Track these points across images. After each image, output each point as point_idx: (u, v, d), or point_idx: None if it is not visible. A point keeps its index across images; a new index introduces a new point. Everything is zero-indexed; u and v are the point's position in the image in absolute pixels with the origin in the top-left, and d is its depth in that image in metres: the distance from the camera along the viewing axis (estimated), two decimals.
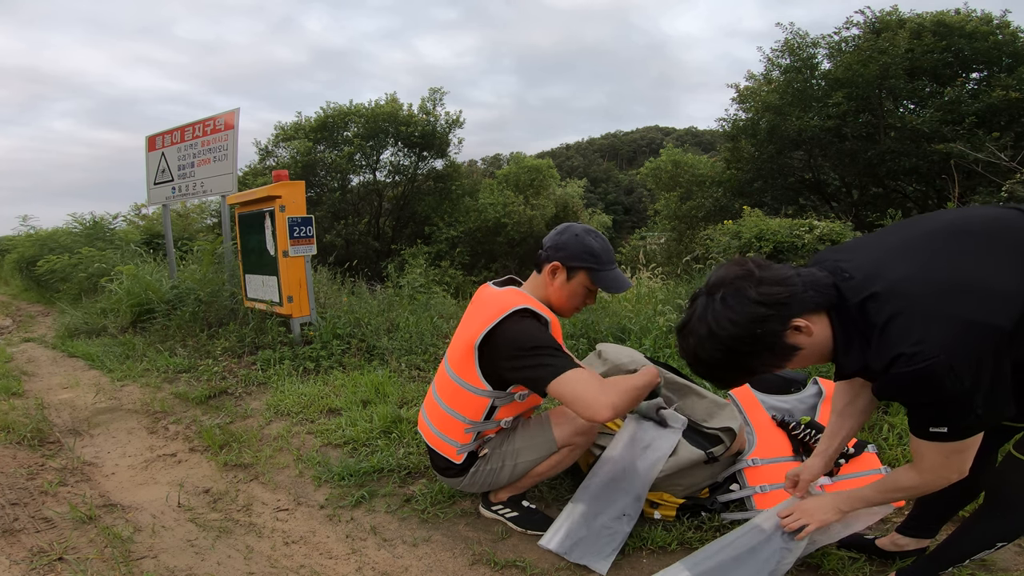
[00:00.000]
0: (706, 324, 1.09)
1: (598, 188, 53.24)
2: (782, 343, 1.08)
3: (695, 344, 1.13)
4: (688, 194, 13.58)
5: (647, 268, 6.66)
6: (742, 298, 1.07)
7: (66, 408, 3.31)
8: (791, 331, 1.07)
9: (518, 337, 1.59)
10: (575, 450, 1.80)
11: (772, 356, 1.09)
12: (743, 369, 1.13)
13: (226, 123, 4.74)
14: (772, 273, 1.09)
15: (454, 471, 1.83)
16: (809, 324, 1.07)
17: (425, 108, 14.87)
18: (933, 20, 10.31)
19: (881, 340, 1.02)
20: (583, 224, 1.76)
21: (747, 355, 1.09)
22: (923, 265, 1.06)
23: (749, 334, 1.06)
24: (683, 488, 1.85)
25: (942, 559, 1.37)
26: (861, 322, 1.06)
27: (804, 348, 1.09)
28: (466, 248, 14.60)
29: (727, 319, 1.07)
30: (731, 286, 1.09)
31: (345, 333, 4.06)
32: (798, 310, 1.07)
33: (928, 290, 1.02)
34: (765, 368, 1.13)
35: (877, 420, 2.39)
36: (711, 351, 1.10)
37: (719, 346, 1.08)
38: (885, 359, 1.01)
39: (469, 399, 1.72)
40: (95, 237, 8.83)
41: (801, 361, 1.13)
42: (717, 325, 1.08)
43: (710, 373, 1.17)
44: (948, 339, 0.97)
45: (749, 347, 1.08)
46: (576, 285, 1.70)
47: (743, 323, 1.06)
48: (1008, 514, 1.24)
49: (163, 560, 1.78)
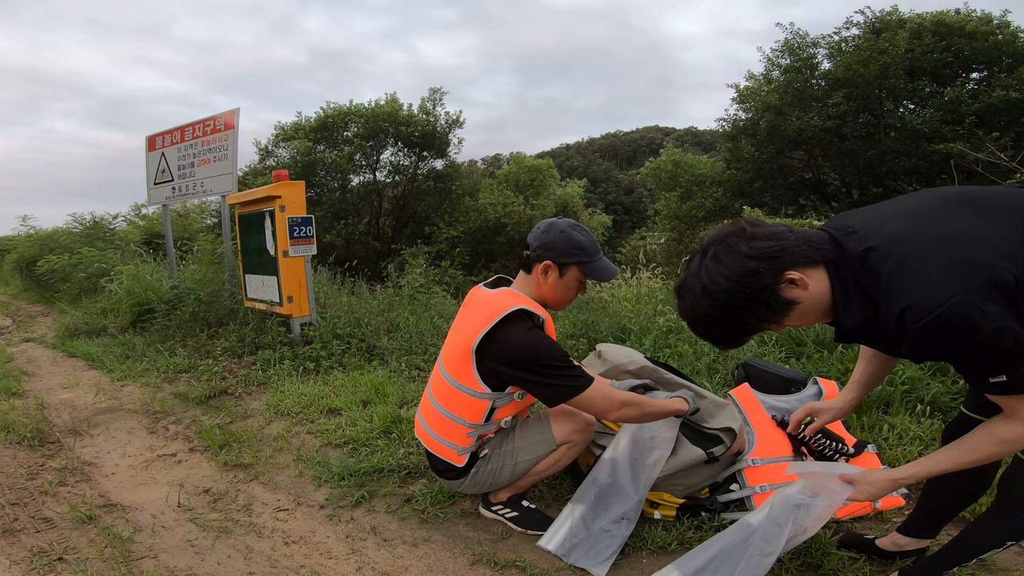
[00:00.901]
0: (700, 281, 1.09)
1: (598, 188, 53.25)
2: (777, 297, 1.06)
3: (691, 302, 1.12)
4: (688, 194, 13.59)
5: (647, 268, 6.65)
6: (733, 253, 1.06)
7: (66, 408, 3.31)
8: (785, 284, 1.06)
9: (526, 350, 1.60)
10: (574, 447, 1.80)
11: (768, 311, 1.08)
12: (740, 326, 1.11)
13: (226, 123, 4.74)
14: (764, 229, 1.09)
15: (454, 473, 1.82)
16: (803, 277, 1.05)
17: (425, 108, 14.88)
18: (933, 20, 10.32)
19: (888, 292, 1.00)
20: (565, 219, 1.78)
21: (742, 310, 1.07)
22: (922, 223, 1.05)
23: (742, 288, 1.05)
24: (683, 488, 1.85)
25: (949, 557, 1.37)
26: (863, 274, 1.04)
27: (801, 302, 1.07)
28: (466, 248, 14.60)
29: (720, 274, 1.06)
30: (723, 243, 1.09)
31: (345, 333, 4.06)
32: (790, 263, 1.05)
33: (927, 241, 1.01)
34: (763, 325, 1.11)
35: (877, 420, 2.39)
36: (707, 308, 1.09)
37: (714, 302, 1.08)
38: (893, 314, 0.99)
39: (468, 402, 1.71)
40: (95, 237, 8.84)
41: (801, 317, 1.11)
42: (711, 281, 1.07)
43: (709, 332, 1.15)
44: (959, 280, 0.94)
45: (744, 302, 1.06)
46: (569, 280, 1.73)
47: (735, 277, 1.05)
48: (1019, 513, 1.24)
49: (163, 560, 1.78)
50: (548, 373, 1.59)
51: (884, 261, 1.02)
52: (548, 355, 1.60)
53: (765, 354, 3.11)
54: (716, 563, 1.48)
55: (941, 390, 2.48)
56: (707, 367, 3.00)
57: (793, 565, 1.61)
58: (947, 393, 2.45)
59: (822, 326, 3.15)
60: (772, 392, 2.29)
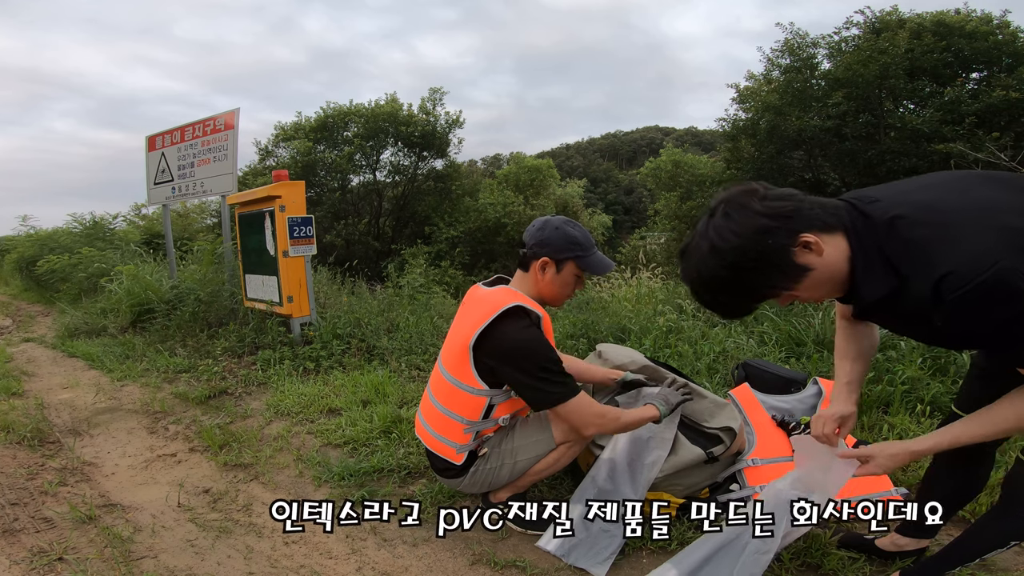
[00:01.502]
0: (708, 240, 1.01)
1: (598, 188, 53.25)
2: (790, 261, 0.99)
3: (697, 263, 1.04)
4: (688, 194, 13.60)
5: (647, 268, 6.66)
6: (745, 211, 0.99)
7: (66, 408, 3.31)
8: (799, 248, 0.98)
9: (520, 347, 1.62)
10: (574, 447, 1.81)
11: (780, 275, 1.00)
12: (748, 290, 1.03)
13: (226, 123, 4.74)
14: (777, 191, 1.02)
15: (454, 472, 1.83)
16: (819, 241, 0.98)
17: (425, 108, 14.88)
18: (933, 20, 10.32)
19: (922, 260, 0.93)
20: (559, 216, 1.80)
21: (751, 271, 1.00)
22: (951, 192, 1.00)
23: (753, 247, 0.97)
24: (683, 488, 1.85)
25: (952, 558, 1.37)
26: (889, 242, 0.97)
27: (815, 269, 1.00)
28: (466, 248, 14.60)
29: (730, 231, 0.99)
30: (734, 202, 1.02)
31: (345, 333, 4.06)
32: (805, 225, 0.98)
33: (961, 208, 0.95)
34: (773, 291, 1.03)
35: (877, 420, 2.40)
36: (714, 268, 1.01)
37: (722, 262, 1.00)
38: (929, 283, 0.91)
39: (466, 399, 1.73)
40: (95, 237, 8.83)
41: (814, 287, 1.03)
42: (719, 238, 1.00)
43: (713, 298, 1.07)
44: (998, 245, 0.88)
45: (754, 262, 0.98)
46: (567, 275, 1.75)
47: (747, 234, 0.98)
48: (1021, 514, 1.24)
49: (163, 560, 1.78)
50: (537, 375, 1.61)
51: (914, 227, 0.95)
52: (541, 356, 1.62)
53: (765, 354, 3.11)
54: (714, 561, 1.48)
55: (941, 390, 2.48)
56: (707, 367, 3.00)
57: (793, 565, 1.61)
58: (947, 393, 2.45)
59: (823, 326, 3.15)
60: (772, 392, 2.29)
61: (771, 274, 1.00)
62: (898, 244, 0.97)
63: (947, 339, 1.08)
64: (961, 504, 1.50)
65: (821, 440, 1.32)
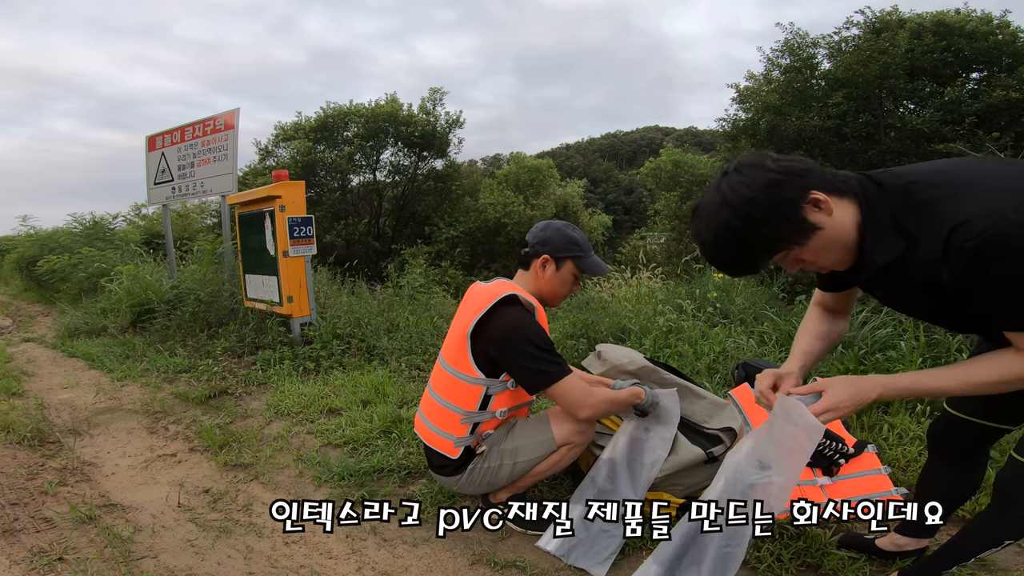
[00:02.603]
0: (721, 194, 1.05)
1: (598, 188, 53.22)
2: (800, 215, 1.02)
3: (709, 217, 1.07)
4: (688, 194, 13.57)
5: (647, 268, 6.66)
6: (758, 167, 1.04)
7: (66, 408, 3.31)
8: (809, 205, 1.02)
9: (513, 328, 1.68)
10: (574, 448, 1.81)
11: (790, 228, 1.03)
12: (758, 243, 1.05)
13: (226, 123, 4.74)
14: (790, 156, 1.07)
15: (451, 468, 1.84)
16: (828, 200, 1.02)
17: (425, 108, 14.87)
18: (933, 20, 10.31)
19: (936, 216, 0.96)
20: (560, 220, 1.91)
21: (762, 223, 1.02)
22: (961, 165, 1.04)
23: (765, 198, 1.01)
24: (683, 488, 1.85)
25: (949, 557, 1.38)
26: (903, 206, 1.01)
27: (824, 228, 1.03)
28: (466, 248, 14.59)
29: (743, 184, 1.03)
30: (747, 162, 1.06)
31: (345, 333, 4.06)
32: (816, 183, 1.03)
33: (973, 173, 0.99)
34: (783, 244, 1.05)
35: (877, 420, 2.40)
36: (727, 220, 1.04)
37: (734, 213, 1.03)
38: (941, 235, 0.95)
39: (463, 389, 1.77)
40: (95, 237, 8.84)
41: (823, 250, 1.06)
42: (732, 192, 1.04)
43: (723, 253, 1.09)
44: (1012, 202, 0.91)
45: (765, 213, 1.02)
46: (565, 273, 1.83)
47: (758, 187, 1.02)
48: (1017, 512, 1.24)
49: (163, 560, 1.78)
50: (530, 355, 1.66)
51: (931, 188, 0.99)
52: (534, 336, 1.67)
53: (765, 354, 3.11)
54: (692, 553, 1.48)
55: None
56: (707, 367, 3.00)
57: (793, 565, 1.61)
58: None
59: None
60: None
61: (781, 226, 1.03)
62: (912, 207, 1.00)
63: (947, 305, 1.06)
64: (959, 503, 1.50)
65: (759, 399, 1.29)
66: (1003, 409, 1.30)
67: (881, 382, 1.14)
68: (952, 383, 1.10)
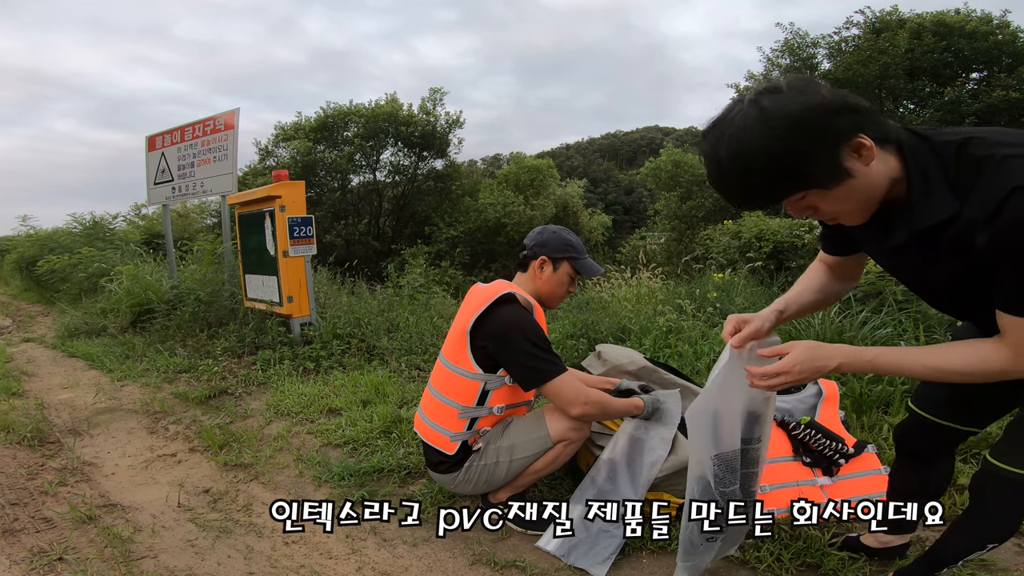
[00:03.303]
0: (758, 107, 0.90)
1: (598, 188, 53.21)
2: (837, 154, 0.90)
3: (735, 131, 0.92)
4: (688, 194, 13.58)
5: (647, 268, 6.65)
6: (814, 88, 0.91)
7: (66, 408, 3.31)
8: (850, 150, 0.91)
9: (510, 324, 1.72)
10: (570, 445, 1.81)
11: (825, 167, 0.91)
12: (786, 172, 0.91)
13: (226, 123, 4.74)
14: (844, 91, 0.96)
15: (447, 465, 1.85)
16: (873, 148, 0.91)
17: (425, 108, 14.87)
18: (933, 20, 10.31)
19: (997, 176, 0.87)
20: (556, 225, 2.01)
21: (798, 142, 0.89)
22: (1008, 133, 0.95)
23: (815, 124, 0.88)
24: (683, 488, 1.84)
25: (937, 560, 1.37)
26: (957, 163, 0.92)
27: (855, 178, 0.92)
28: (466, 248, 14.59)
29: (793, 101, 0.89)
30: (799, 81, 0.93)
31: (345, 333, 4.06)
32: (869, 124, 0.91)
33: None
34: (810, 181, 0.93)
35: (877, 420, 2.40)
36: (762, 140, 0.89)
37: (771, 133, 0.88)
38: (999, 194, 0.85)
39: (462, 384, 1.79)
40: (95, 237, 8.85)
41: (844, 199, 0.95)
42: (777, 107, 0.89)
43: (742, 178, 0.94)
44: None
45: (807, 142, 0.89)
46: (561, 274, 1.90)
47: (812, 107, 0.88)
48: (992, 518, 1.23)
49: (163, 560, 1.78)
50: (526, 351, 1.70)
51: (994, 146, 0.89)
52: (531, 332, 1.72)
53: None
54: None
55: None
56: (707, 367, 3.00)
57: (793, 565, 1.61)
58: None
59: (823, 327, 3.15)
60: None
61: (818, 162, 0.91)
62: (968, 163, 0.91)
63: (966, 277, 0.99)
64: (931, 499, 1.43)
65: (728, 340, 1.25)
66: (970, 412, 1.29)
67: (843, 352, 1.09)
68: (915, 365, 1.04)
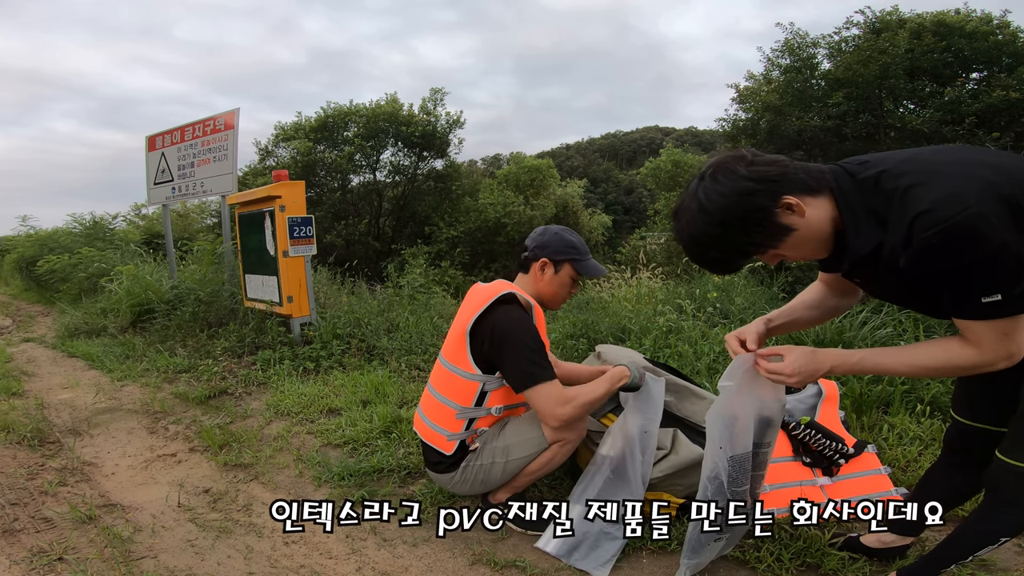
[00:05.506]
0: (697, 200, 1.11)
1: (598, 188, 53.16)
2: (772, 221, 1.08)
3: (687, 222, 1.13)
4: None
5: (647, 268, 6.65)
6: (732, 174, 1.08)
7: (66, 408, 3.31)
8: (782, 209, 1.07)
9: (507, 325, 1.72)
10: (566, 445, 1.81)
11: (763, 234, 1.09)
12: (735, 247, 1.12)
13: (226, 123, 4.74)
14: (765, 157, 1.11)
15: (445, 465, 1.85)
16: (801, 203, 1.07)
17: (425, 108, 14.86)
18: (933, 20, 10.30)
19: (902, 204, 1.00)
20: (558, 225, 1.98)
21: (737, 230, 1.09)
22: (935, 151, 1.09)
23: (738, 207, 1.07)
24: (683, 488, 1.85)
25: (946, 556, 1.37)
26: (875, 197, 1.05)
27: (798, 230, 1.09)
28: (466, 248, 14.59)
29: (717, 193, 1.08)
30: (722, 167, 1.11)
31: (345, 333, 4.06)
32: (788, 188, 1.07)
33: (942, 160, 1.03)
34: (757, 248, 1.12)
35: (877, 420, 2.40)
36: (703, 226, 1.11)
37: (709, 220, 1.09)
38: (905, 222, 0.98)
39: (460, 384, 1.79)
40: (95, 237, 8.85)
41: (798, 246, 1.12)
42: (707, 199, 1.09)
43: (703, 253, 1.16)
44: (974, 190, 0.94)
45: (739, 221, 1.08)
46: (563, 276, 1.88)
47: (731, 195, 1.07)
48: (1009, 509, 1.24)
49: (163, 560, 1.78)
50: (519, 352, 1.69)
51: (898, 177, 1.03)
52: (526, 335, 1.71)
53: None
54: None
55: (941, 390, 2.48)
56: (707, 367, 3.00)
57: (793, 565, 1.61)
58: (946, 393, 2.45)
59: (823, 328, 3.15)
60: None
61: (755, 232, 1.09)
62: (883, 196, 1.04)
63: (911, 291, 1.11)
64: (958, 504, 1.50)
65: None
66: (1001, 412, 1.29)
67: (834, 355, 1.21)
68: (897, 364, 1.17)
